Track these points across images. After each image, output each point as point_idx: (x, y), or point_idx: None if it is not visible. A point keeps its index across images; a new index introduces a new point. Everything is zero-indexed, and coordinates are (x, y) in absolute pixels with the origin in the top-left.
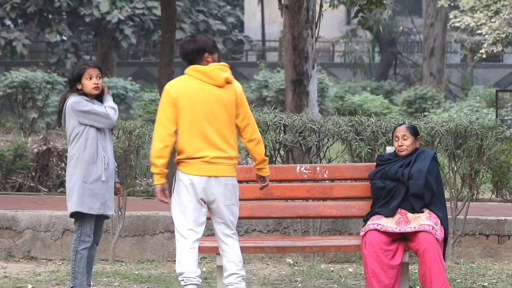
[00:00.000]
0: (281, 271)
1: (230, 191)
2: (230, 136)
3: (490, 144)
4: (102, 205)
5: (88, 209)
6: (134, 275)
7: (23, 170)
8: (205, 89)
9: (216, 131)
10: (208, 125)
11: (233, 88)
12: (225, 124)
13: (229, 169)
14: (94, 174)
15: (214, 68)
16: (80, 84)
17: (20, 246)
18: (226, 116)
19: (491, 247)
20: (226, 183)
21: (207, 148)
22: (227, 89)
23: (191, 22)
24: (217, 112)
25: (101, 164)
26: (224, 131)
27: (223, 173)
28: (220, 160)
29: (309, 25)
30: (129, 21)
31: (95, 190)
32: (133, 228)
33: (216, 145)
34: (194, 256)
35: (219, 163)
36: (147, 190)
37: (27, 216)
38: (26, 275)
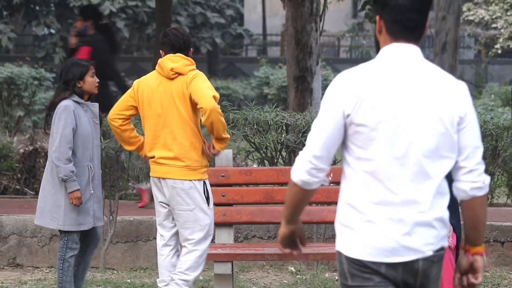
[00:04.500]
0: (283, 279)
1: (181, 195)
2: (183, 134)
3: (506, 145)
4: (91, 218)
5: (78, 227)
6: (126, 284)
7: (8, 171)
8: (160, 83)
9: (167, 128)
10: (159, 121)
11: (183, 79)
12: (177, 122)
13: (176, 171)
14: (83, 190)
15: (165, 59)
16: (81, 83)
17: (5, 253)
18: (178, 113)
19: (506, 255)
20: (173, 186)
21: (156, 147)
22: (178, 81)
23: (188, 14)
24: (168, 108)
25: (88, 175)
26: (175, 129)
27: (168, 175)
28: (165, 160)
29: (313, 18)
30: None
31: (85, 205)
32: (125, 233)
33: (165, 143)
34: (162, 262)
35: (164, 164)
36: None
37: (12, 220)
38: (11, 283)
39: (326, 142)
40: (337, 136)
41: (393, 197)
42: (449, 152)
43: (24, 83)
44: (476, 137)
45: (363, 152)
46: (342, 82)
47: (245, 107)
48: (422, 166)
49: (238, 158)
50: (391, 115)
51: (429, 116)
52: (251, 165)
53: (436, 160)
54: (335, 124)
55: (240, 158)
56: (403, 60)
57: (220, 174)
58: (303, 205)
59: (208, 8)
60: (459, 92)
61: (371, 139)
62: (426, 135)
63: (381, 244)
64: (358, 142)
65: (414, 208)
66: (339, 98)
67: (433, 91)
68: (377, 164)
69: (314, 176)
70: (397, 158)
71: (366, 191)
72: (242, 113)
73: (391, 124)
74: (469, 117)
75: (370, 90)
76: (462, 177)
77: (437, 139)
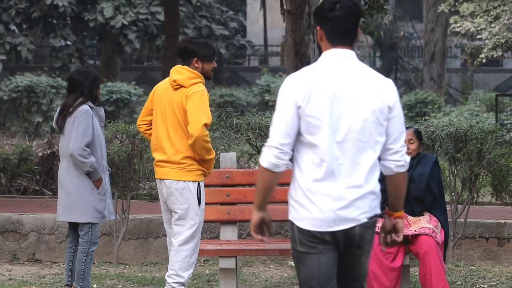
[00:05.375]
0: (283, 273)
1: (175, 195)
2: (177, 140)
3: (490, 148)
4: (107, 212)
5: (102, 219)
6: (138, 278)
7: (28, 173)
8: (167, 91)
9: (165, 133)
10: (161, 126)
11: (184, 92)
12: (174, 127)
13: (171, 172)
14: (105, 184)
15: (172, 70)
16: (97, 91)
17: (25, 249)
18: (175, 119)
19: (491, 250)
20: (169, 186)
21: (157, 150)
22: (179, 92)
23: (194, 27)
24: (168, 114)
25: (106, 172)
26: (172, 134)
27: (165, 176)
28: (161, 163)
29: (311, 30)
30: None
31: (104, 199)
32: (137, 231)
33: (163, 147)
34: (171, 258)
35: (161, 166)
36: (150, 193)
37: (32, 219)
38: (31, 277)
39: (287, 130)
40: (295, 124)
41: (335, 176)
42: (379, 137)
43: (42, 91)
44: (402, 124)
45: (311, 137)
46: (293, 81)
47: (247, 113)
48: (358, 149)
49: (241, 160)
50: (333, 107)
51: (363, 107)
52: (253, 167)
53: (369, 144)
54: (291, 114)
55: (243, 160)
56: (340, 62)
57: (224, 175)
58: (272, 189)
59: (213, 21)
60: (388, 87)
61: (317, 127)
62: (361, 123)
63: (325, 217)
64: (307, 130)
65: (352, 184)
66: (292, 93)
67: (366, 87)
68: (322, 148)
69: (281, 159)
70: (338, 142)
71: (312, 171)
72: (245, 119)
73: (333, 114)
74: (396, 108)
75: (316, 87)
76: (389, 157)
77: (370, 127)
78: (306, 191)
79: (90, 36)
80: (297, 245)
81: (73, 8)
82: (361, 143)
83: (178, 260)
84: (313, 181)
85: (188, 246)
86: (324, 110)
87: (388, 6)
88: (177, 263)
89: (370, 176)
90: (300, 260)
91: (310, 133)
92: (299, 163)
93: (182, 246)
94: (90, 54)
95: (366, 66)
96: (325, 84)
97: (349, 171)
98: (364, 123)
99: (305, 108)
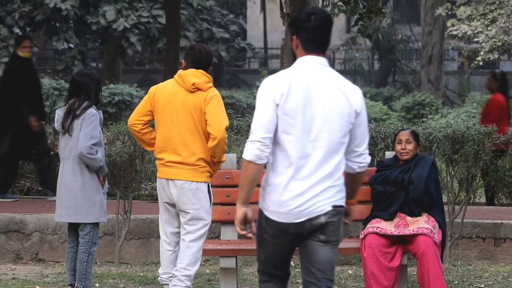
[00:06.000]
0: None
1: (188, 196)
2: (192, 142)
3: (487, 150)
4: (104, 212)
5: (105, 219)
6: (139, 277)
7: (31, 174)
8: (178, 93)
9: (178, 135)
10: (172, 128)
11: (202, 95)
12: (189, 129)
13: (185, 173)
14: (106, 184)
15: (187, 73)
16: (100, 94)
17: (28, 249)
18: (192, 121)
19: (487, 250)
20: (182, 186)
21: (166, 150)
22: (197, 95)
23: (195, 30)
24: (182, 116)
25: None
26: (186, 136)
27: (178, 177)
28: (174, 164)
29: None
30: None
31: (104, 199)
32: (138, 231)
33: (175, 149)
34: (168, 257)
35: (173, 167)
36: (152, 194)
37: (35, 219)
38: (34, 276)
39: (268, 125)
40: (274, 120)
41: (304, 171)
42: (345, 138)
43: (45, 93)
44: (366, 129)
45: (285, 135)
46: (271, 82)
47: (248, 114)
48: (327, 148)
49: (241, 161)
50: (307, 108)
51: (333, 111)
52: None
53: (337, 144)
54: (271, 110)
55: None
56: (314, 67)
57: (225, 176)
58: (255, 182)
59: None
60: (356, 94)
61: (292, 125)
62: (331, 125)
63: (291, 209)
64: (283, 127)
65: (319, 178)
66: (271, 92)
67: (337, 92)
68: (293, 145)
69: (263, 152)
70: (310, 141)
71: (283, 168)
72: (245, 120)
73: (306, 115)
74: (362, 113)
75: (292, 89)
76: (354, 159)
77: (338, 129)
78: (276, 185)
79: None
80: (262, 232)
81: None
82: (330, 143)
83: (188, 254)
84: (284, 176)
85: (199, 242)
86: (298, 111)
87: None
88: (187, 257)
89: (336, 172)
90: (261, 243)
91: (285, 131)
92: (272, 158)
93: (192, 242)
94: (93, 56)
95: (336, 73)
96: (299, 87)
97: (317, 167)
98: (333, 125)
99: (282, 107)
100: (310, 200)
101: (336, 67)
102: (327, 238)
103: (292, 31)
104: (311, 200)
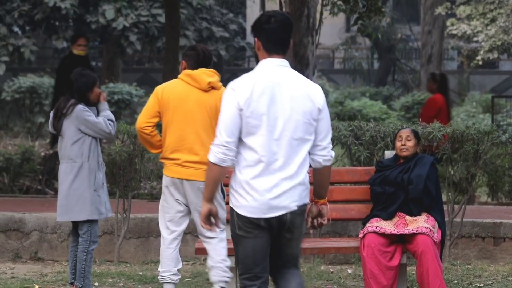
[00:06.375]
0: None
1: None
2: (209, 141)
3: (486, 149)
4: (105, 209)
5: (99, 215)
6: (139, 276)
7: (31, 173)
8: (190, 92)
9: (194, 134)
10: (187, 127)
11: (217, 94)
12: (205, 129)
13: (202, 174)
14: (99, 181)
15: (200, 73)
16: (90, 92)
17: (27, 248)
18: (207, 120)
19: (487, 249)
20: (199, 187)
21: (181, 150)
22: (211, 94)
23: (195, 29)
24: (197, 115)
25: (102, 170)
26: (203, 135)
27: (194, 177)
28: (191, 164)
29: (310, 32)
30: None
31: (101, 196)
32: (138, 230)
33: (191, 148)
34: (169, 255)
35: (190, 167)
36: (151, 193)
37: (34, 218)
38: (33, 275)
39: (232, 129)
40: (238, 123)
41: (270, 169)
42: (309, 135)
43: (45, 92)
44: (329, 123)
45: (252, 136)
46: (235, 87)
47: None
48: (291, 146)
49: None
50: (270, 110)
51: (296, 110)
52: None
53: (301, 142)
54: (234, 115)
55: None
56: (276, 69)
57: (224, 176)
58: (219, 182)
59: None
60: (317, 92)
61: (257, 126)
62: (294, 123)
63: (260, 205)
64: (247, 129)
65: (285, 176)
66: (235, 97)
67: (299, 91)
68: (261, 145)
69: (227, 155)
70: (275, 139)
71: (251, 165)
72: None
73: (270, 115)
74: (324, 110)
75: (255, 92)
76: (318, 152)
77: (302, 127)
78: (244, 183)
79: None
80: (236, 229)
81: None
82: (294, 141)
83: (223, 246)
84: (251, 173)
85: (224, 235)
86: (263, 112)
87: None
88: (223, 249)
89: (301, 169)
90: (238, 242)
91: (251, 132)
92: (239, 157)
93: (222, 234)
94: (92, 55)
95: (298, 73)
96: (262, 89)
97: (283, 165)
98: (296, 123)
99: (246, 111)
100: (278, 198)
101: (335, 66)
102: (291, 236)
103: (254, 34)
104: (278, 198)
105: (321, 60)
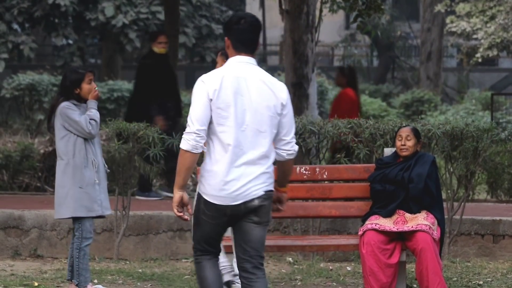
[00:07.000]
0: (281, 269)
1: None
2: None
3: (486, 146)
4: (99, 207)
5: (87, 213)
6: (138, 273)
7: (30, 170)
8: None
9: None
10: None
11: None
12: None
13: None
14: (88, 179)
15: None
16: (78, 89)
17: (27, 245)
18: None
19: (486, 247)
20: None
21: None
22: None
23: (194, 26)
24: None
25: (92, 167)
26: None
27: None
28: None
29: (309, 30)
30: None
31: (91, 193)
32: (137, 227)
33: None
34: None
35: None
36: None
37: (34, 215)
38: (33, 273)
39: (202, 119)
40: (208, 114)
41: (237, 159)
42: (273, 128)
43: (44, 89)
44: (292, 119)
45: (220, 126)
46: (205, 79)
47: None
48: (257, 137)
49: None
50: (237, 102)
51: (261, 104)
52: None
53: (266, 133)
54: (205, 106)
55: None
56: (243, 66)
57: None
58: (191, 169)
59: (213, 20)
60: (281, 88)
61: (225, 117)
62: (259, 116)
63: (228, 194)
64: (217, 120)
65: (251, 165)
66: (205, 88)
67: (264, 87)
68: (228, 135)
69: (198, 142)
70: (241, 130)
71: (219, 156)
72: None
73: (237, 108)
74: (288, 105)
75: (223, 85)
76: (282, 147)
77: (266, 120)
78: (214, 172)
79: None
80: (200, 214)
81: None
82: (259, 133)
83: None
84: (220, 163)
85: None
86: (230, 104)
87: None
88: None
89: (266, 160)
90: (198, 224)
91: (220, 123)
92: (209, 148)
93: None
94: (92, 52)
95: (264, 71)
96: (230, 83)
97: (249, 155)
98: (261, 117)
99: (215, 102)
100: (245, 185)
101: (335, 63)
102: (259, 219)
103: (225, 33)
104: (246, 185)
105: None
